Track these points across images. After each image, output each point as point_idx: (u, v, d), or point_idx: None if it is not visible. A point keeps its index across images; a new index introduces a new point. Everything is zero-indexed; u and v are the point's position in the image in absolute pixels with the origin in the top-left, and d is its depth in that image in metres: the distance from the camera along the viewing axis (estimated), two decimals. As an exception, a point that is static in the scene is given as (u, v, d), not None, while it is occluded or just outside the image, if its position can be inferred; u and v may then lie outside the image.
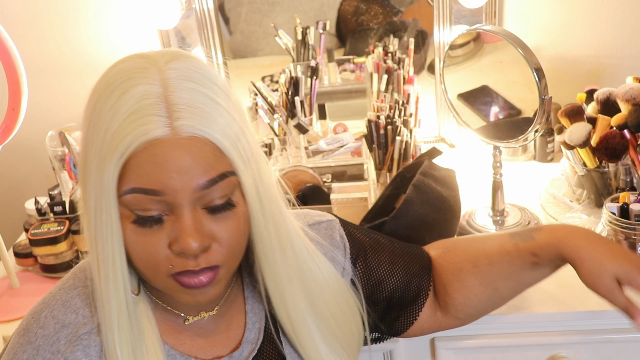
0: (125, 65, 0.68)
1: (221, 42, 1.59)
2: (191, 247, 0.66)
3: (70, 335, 0.73)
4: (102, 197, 0.66)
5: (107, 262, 0.68)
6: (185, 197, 0.65)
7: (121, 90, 0.65)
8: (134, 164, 0.64)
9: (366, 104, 1.63)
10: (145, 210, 0.66)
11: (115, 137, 0.64)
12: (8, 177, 1.75)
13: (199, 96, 0.66)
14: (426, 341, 1.14)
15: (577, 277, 1.14)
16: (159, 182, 0.64)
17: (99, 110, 0.66)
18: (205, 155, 0.65)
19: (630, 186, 1.22)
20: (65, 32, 1.60)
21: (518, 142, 1.16)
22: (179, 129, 0.64)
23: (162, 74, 0.66)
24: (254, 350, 0.81)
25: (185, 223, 0.66)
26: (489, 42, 1.18)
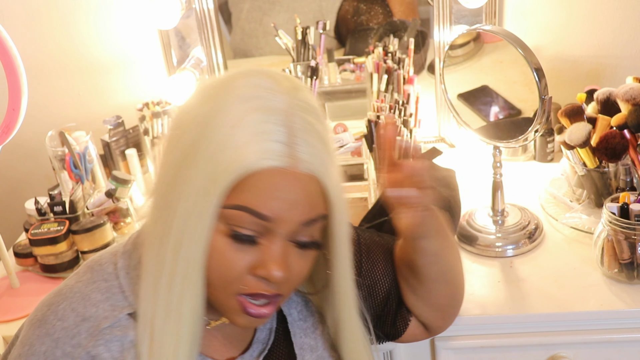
0: (254, 80, 0.68)
1: (221, 42, 1.59)
2: (275, 275, 0.68)
3: (92, 329, 0.71)
4: (204, 202, 0.66)
5: (188, 267, 0.68)
6: (287, 228, 0.68)
7: (250, 105, 0.66)
8: (252, 184, 0.65)
9: (366, 104, 1.63)
10: (242, 228, 0.67)
11: (237, 150, 0.64)
12: (8, 177, 1.75)
13: (315, 135, 0.68)
14: (426, 341, 1.14)
15: (577, 277, 1.15)
16: (271, 209, 0.66)
17: (223, 115, 0.66)
18: (314, 193, 0.68)
19: (630, 186, 1.22)
20: (65, 32, 1.60)
21: (518, 142, 1.16)
22: (299, 164, 0.66)
23: (289, 101, 0.67)
24: (264, 350, 0.82)
25: (276, 252, 0.68)
26: (489, 42, 1.18)
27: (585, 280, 1.14)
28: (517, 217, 1.28)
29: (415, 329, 0.94)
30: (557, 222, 1.29)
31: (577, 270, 1.17)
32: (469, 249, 1.25)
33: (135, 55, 1.63)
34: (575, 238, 1.25)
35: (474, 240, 1.25)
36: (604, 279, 1.14)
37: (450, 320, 0.97)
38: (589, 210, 1.28)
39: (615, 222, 1.08)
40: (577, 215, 1.28)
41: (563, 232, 1.28)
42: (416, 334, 0.95)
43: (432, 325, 0.95)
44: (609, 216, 1.09)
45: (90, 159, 1.43)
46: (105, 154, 1.55)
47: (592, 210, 1.28)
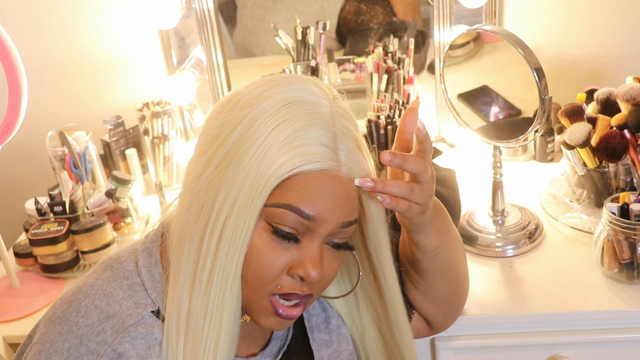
0: (301, 86, 0.71)
1: (221, 42, 1.59)
2: (312, 275, 0.69)
3: (117, 326, 0.71)
4: (251, 200, 0.66)
5: (228, 266, 0.68)
6: (327, 229, 0.69)
7: (297, 108, 0.68)
8: (298, 184, 0.67)
9: (366, 104, 1.63)
10: (284, 225, 0.68)
11: (287, 151, 0.66)
12: (8, 177, 1.75)
13: (354, 141, 0.71)
14: (426, 341, 1.14)
15: (577, 277, 1.15)
16: (315, 209, 0.68)
17: (270, 115, 0.67)
18: (353, 197, 0.70)
19: (630, 186, 1.22)
20: (65, 32, 1.60)
21: (518, 142, 1.16)
22: (343, 168, 0.69)
23: (331, 108, 0.70)
24: (284, 346, 0.83)
25: (314, 252, 0.70)
26: (489, 42, 1.18)
27: (585, 280, 1.14)
28: (517, 217, 1.28)
29: (417, 324, 0.94)
30: (557, 222, 1.29)
31: (577, 270, 1.17)
32: (469, 249, 1.25)
33: (135, 55, 1.63)
34: (575, 238, 1.25)
35: (474, 240, 1.25)
36: (604, 279, 1.14)
37: (452, 317, 0.97)
38: (589, 210, 1.28)
39: (615, 222, 1.08)
40: (577, 215, 1.28)
41: (563, 232, 1.28)
42: (419, 329, 0.95)
43: (434, 321, 0.95)
44: (609, 216, 1.09)
45: (90, 159, 1.43)
46: (105, 154, 1.55)
47: (592, 210, 1.28)
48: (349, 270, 0.86)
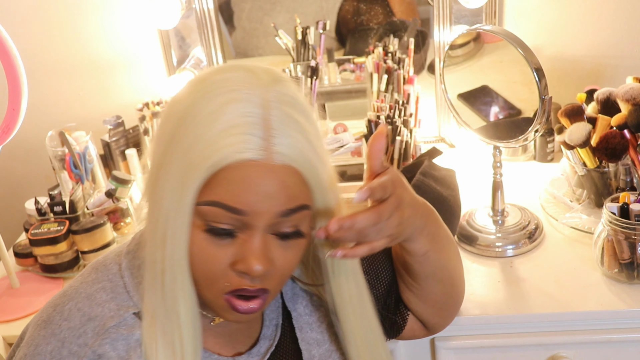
0: (231, 75, 0.68)
1: (221, 42, 1.59)
2: (256, 269, 0.67)
3: (98, 328, 0.72)
4: (180, 200, 0.65)
5: (174, 266, 0.68)
6: (263, 221, 0.67)
7: (225, 99, 0.65)
8: (223, 179, 0.65)
9: (366, 104, 1.63)
10: (218, 223, 0.67)
11: (210, 145, 0.64)
12: (8, 177, 1.75)
13: (295, 125, 0.67)
14: (426, 341, 1.14)
15: (577, 277, 1.15)
16: (245, 203, 0.65)
17: (197, 111, 0.66)
18: (292, 185, 0.67)
19: (630, 186, 1.22)
20: (65, 32, 1.60)
21: (518, 142, 1.16)
22: (274, 155, 0.65)
23: (265, 95, 0.66)
24: (272, 346, 0.82)
25: (255, 245, 0.67)
26: (489, 42, 1.18)
27: (585, 280, 1.14)
28: (517, 217, 1.28)
29: (413, 325, 0.94)
30: (557, 222, 1.29)
31: (577, 270, 1.17)
32: (469, 249, 1.25)
33: (135, 55, 1.63)
34: (575, 238, 1.25)
35: (474, 240, 1.25)
36: (604, 279, 1.14)
37: (448, 318, 0.96)
38: (589, 210, 1.28)
39: (615, 222, 1.08)
40: (577, 215, 1.28)
41: (563, 232, 1.28)
42: (415, 329, 0.95)
43: (429, 322, 0.94)
44: (609, 216, 1.09)
45: (90, 159, 1.43)
46: (105, 154, 1.55)
47: (592, 210, 1.28)
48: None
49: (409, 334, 0.95)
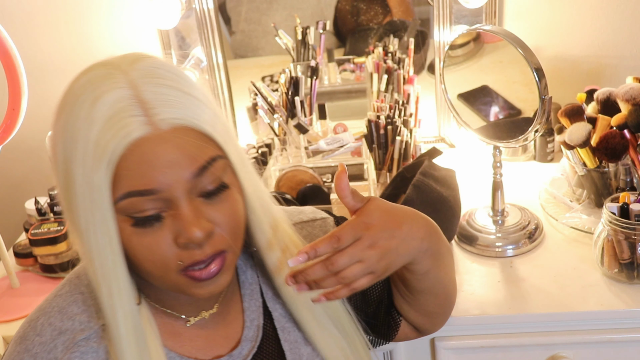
0: (89, 76, 0.68)
1: (221, 42, 1.59)
2: (196, 236, 0.66)
3: (68, 341, 0.73)
4: (96, 209, 0.65)
5: (108, 275, 0.68)
6: (179, 190, 0.66)
7: (91, 100, 0.65)
8: (123, 169, 0.64)
9: (366, 104, 1.63)
10: (143, 211, 0.66)
11: (98, 145, 0.64)
12: (8, 177, 1.75)
13: (168, 89, 0.66)
14: (426, 341, 1.14)
15: (577, 278, 1.15)
16: (152, 181, 0.64)
17: (73, 123, 0.65)
18: (190, 143, 0.66)
19: (630, 186, 1.22)
20: (65, 32, 1.60)
21: (518, 142, 1.16)
22: (159, 123, 0.64)
23: (127, 76, 0.66)
24: (253, 347, 0.81)
25: (185, 214, 0.66)
26: (489, 42, 1.18)
27: (585, 280, 1.14)
28: (517, 217, 1.28)
29: (405, 329, 0.94)
30: (557, 222, 1.29)
31: (577, 270, 1.17)
32: (469, 249, 1.25)
33: (135, 55, 1.63)
34: (575, 238, 1.25)
35: (474, 240, 1.25)
36: (604, 279, 1.14)
37: (440, 324, 0.96)
38: (589, 210, 1.28)
39: (615, 222, 1.08)
40: (577, 215, 1.28)
41: (563, 232, 1.28)
42: (407, 332, 0.94)
43: (421, 328, 0.94)
44: (609, 216, 1.09)
45: (90, 159, 1.43)
46: (105, 154, 1.55)
47: (592, 210, 1.28)
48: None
49: (402, 336, 0.95)
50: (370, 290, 0.91)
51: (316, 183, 1.36)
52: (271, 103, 1.47)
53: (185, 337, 0.79)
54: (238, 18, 1.64)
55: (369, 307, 0.92)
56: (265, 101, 1.47)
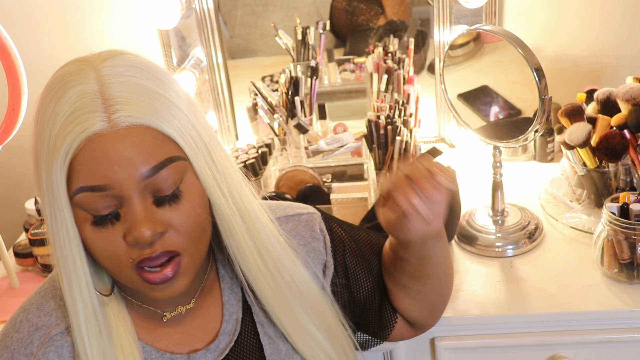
0: (63, 70, 0.69)
1: (221, 42, 1.59)
2: (143, 235, 0.66)
3: (43, 336, 0.74)
4: (55, 200, 0.66)
5: (67, 264, 0.69)
6: (131, 188, 0.66)
7: (60, 94, 0.66)
8: (78, 163, 0.65)
9: (366, 104, 1.63)
10: (98, 209, 0.67)
11: (57, 139, 0.65)
12: (8, 177, 1.75)
13: (135, 87, 0.67)
14: (426, 341, 1.14)
15: (577, 277, 1.15)
16: (103, 177, 0.65)
17: (42, 116, 0.67)
18: (146, 142, 0.66)
19: (630, 186, 1.22)
20: (65, 32, 1.60)
21: (518, 142, 1.16)
22: (116, 120, 0.65)
23: (97, 73, 0.67)
24: (231, 341, 0.81)
25: (135, 212, 0.67)
26: (489, 42, 1.18)
27: (585, 280, 1.14)
28: (517, 217, 1.28)
29: (401, 328, 0.94)
30: (557, 222, 1.29)
31: (577, 270, 1.17)
32: (469, 249, 1.25)
33: (135, 55, 1.63)
34: (575, 238, 1.25)
35: (474, 240, 1.25)
36: (604, 279, 1.14)
37: (439, 316, 0.96)
38: (589, 210, 1.28)
39: (615, 222, 1.08)
40: (577, 215, 1.28)
41: (563, 232, 1.28)
42: (402, 332, 0.94)
43: (422, 323, 0.94)
44: (609, 216, 1.09)
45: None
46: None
47: (592, 210, 1.28)
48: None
49: (397, 336, 0.94)
50: (357, 290, 0.91)
51: (316, 183, 1.36)
52: (271, 103, 1.47)
53: (162, 331, 0.79)
54: (234, 22, 1.64)
55: (356, 307, 0.91)
56: (265, 101, 1.48)
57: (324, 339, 0.84)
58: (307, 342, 0.83)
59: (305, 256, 0.85)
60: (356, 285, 0.90)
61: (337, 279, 0.89)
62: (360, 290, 0.91)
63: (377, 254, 0.93)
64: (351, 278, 0.90)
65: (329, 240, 0.89)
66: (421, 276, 0.86)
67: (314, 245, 0.87)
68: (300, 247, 0.85)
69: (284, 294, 0.80)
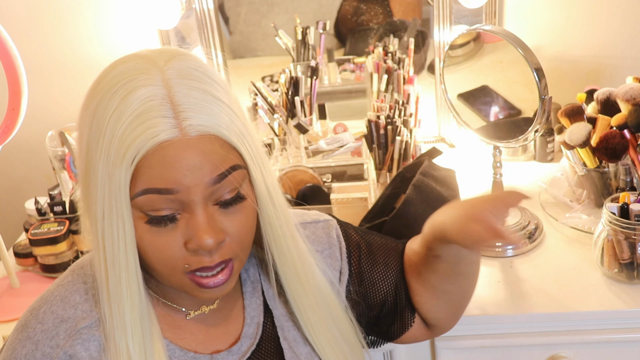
0: (126, 66, 0.68)
1: (221, 42, 1.59)
2: (207, 243, 0.67)
3: (70, 329, 0.73)
4: (113, 201, 0.66)
5: (119, 265, 0.69)
6: (197, 194, 0.67)
7: (124, 92, 0.65)
8: (145, 166, 0.65)
9: (366, 104, 1.63)
10: (158, 210, 0.67)
11: (123, 141, 0.64)
12: (8, 177, 1.75)
13: (201, 94, 0.67)
14: (426, 341, 1.14)
15: (577, 277, 1.15)
16: (171, 181, 0.65)
17: (102, 113, 0.66)
18: (214, 151, 0.66)
19: (630, 186, 1.22)
20: (65, 32, 1.60)
21: (518, 142, 1.16)
22: (187, 129, 0.65)
23: (163, 74, 0.66)
24: (252, 344, 0.82)
25: (199, 220, 0.67)
26: (489, 42, 1.18)
27: (585, 280, 1.14)
28: (517, 217, 1.28)
29: (416, 332, 0.94)
30: (557, 222, 1.29)
31: (577, 270, 1.17)
32: (469, 249, 1.25)
33: (135, 55, 1.63)
34: (575, 238, 1.25)
35: (474, 240, 1.25)
36: (604, 279, 1.14)
37: (459, 318, 0.96)
38: (589, 210, 1.28)
39: (615, 222, 1.08)
40: (577, 215, 1.28)
41: (563, 232, 1.28)
42: (417, 335, 0.94)
43: (443, 325, 0.94)
44: (609, 216, 1.09)
45: (90, 159, 1.43)
46: (105, 154, 1.55)
47: (592, 210, 1.28)
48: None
49: (410, 338, 0.94)
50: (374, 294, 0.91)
51: (316, 183, 1.36)
52: (271, 103, 1.47)
53: (186, 330, 0.79)
54: (237, 19, 1.64)
55: (372, 311, 0.92)
56: (265, 101, 1.48)
57: (345, 346, 0.85)
58: (334, 349, 0.84)
59: (323, 263, 0.86)
60: (373, 289, 0.91)
61: (352, 285, 0.89)
62: (376, 294, 0.91)
63: (394, 258, 0.93)
64: (367, 283, 0.90)
65: (344, 246, 0.90)
66: (454, 274, 0.87)
67: (331, 252, 0.88)
68: (317, 253, 0.86)
69: (315, 301, 0.82)
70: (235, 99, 0.71)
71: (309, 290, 0.81)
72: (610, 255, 1.11)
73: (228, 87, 0.71)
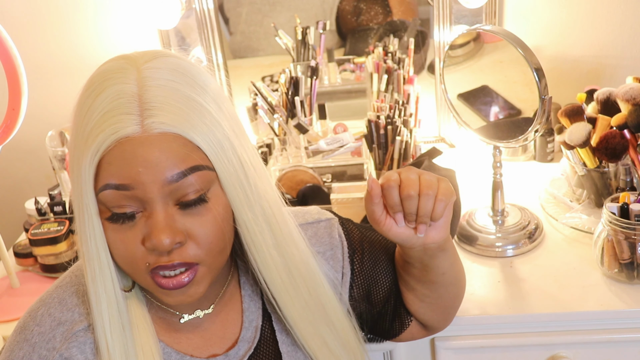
0: (106, 66, 0.69)
1: (221, 42, 1.59)
2: (162, 243, 0.66)
3: (66, 332, 0.74)
4: (83, 195, 0.67)
5: (92, 259, 0.70)
6: (154, 191, 0.66)
7: (98, 91, 0.67)
8: (106, 162, 0.66)
9: (366, 104, 1.63)
10: (122, 207, 0.67)
11: (90, 136, 0.66)
12: (8, 177, 1.75)
13: (173, 93, 0.67)
14: (426, 341, 1.14)
15: (577, 277, 1.15)
16: (127, 177, 0.65)
17: (79, 110, 0.68)
18: (175, 149, 0.66)
19: (630, 186, 1.22)
20: (65, 32, 1.60)
21: (518, 142, 1.16)
22: (149, 126, 0.65)
23: (139, 73, 0.67)
24: (250, 349, 0.81)
25: (156, 218, 0.67)
26: (489, 42, 1.18)
27: (585, 280, 1.14)
28: (517, 217, 1.28)
29: (413, 329, 0.94)
30: (557, 222, 1.29)
31: (577, 270, 1.17)
32: (469, 249, 1.25)
33: (135, 55, 1.63)
34: (575, 238, 1.25)
35: (474, 240, 1.25)
36: (604, 279, 1.14)
37: (451, 319, 0.97)
38: (589, 210, 1.28)
39: (615, 222, 1.08)
40: (577, 215, 1.28)
41: (563, 232, 1.28)
42: (413, 332, 0.95)
43: (435, 326, 0.95)
44: (609, 216, 1.09)
45: (90, 159, 1.43)
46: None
47: (592, 210, 1.28)
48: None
49: (407, 336, 0.95)
50: (376, 292, 0.91)
51: (316, 183, 1.36)
52: (271, 103, 1.47)
53: (182, 334, 0.79)
54: (237, 19, 1.64)
55: (374, 309, 0.92)
56: (265, 101, 1.47)
57: (342, 351, 0.84)
58: (325, 355, 0.83)
59: (325, 264, 0.86)
60: (375, 287, 0.91)
61: (354, 284, 0.89)
62: (378, 292, 0.91)
63: (392, 256, 0.93)
64: (370, 281, 0.90)
65: (346, 245, 0.89)
66: (427, 282, 0.86)
67: (333, 253, 0.88)
68: (319, 255, 0.86)
69: (306, 307, 0.80)
70: (220, 100, 0.70)
71: (295, 297, 0.79)
72: (610, 255, 1.11)
73: (215, 91, 0.70)
